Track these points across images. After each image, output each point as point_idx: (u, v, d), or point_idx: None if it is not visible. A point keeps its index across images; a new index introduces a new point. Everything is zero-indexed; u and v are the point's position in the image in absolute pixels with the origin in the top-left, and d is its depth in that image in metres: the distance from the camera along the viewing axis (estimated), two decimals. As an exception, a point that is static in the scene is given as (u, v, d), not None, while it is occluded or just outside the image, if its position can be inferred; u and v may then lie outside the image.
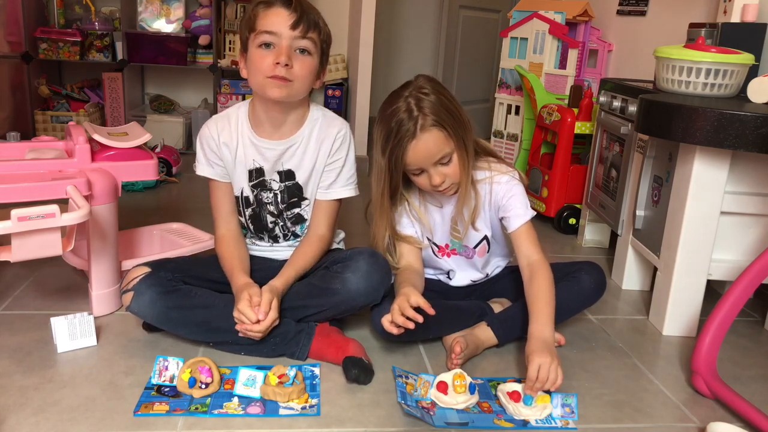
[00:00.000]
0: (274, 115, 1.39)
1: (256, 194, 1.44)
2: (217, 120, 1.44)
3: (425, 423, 1.13)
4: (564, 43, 2.72)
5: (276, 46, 1.29)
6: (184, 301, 1.30)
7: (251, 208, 1.46)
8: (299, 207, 1.45)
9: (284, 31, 1.28)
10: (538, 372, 1.15)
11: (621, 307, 1.74)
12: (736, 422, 1.18)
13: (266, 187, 1.44)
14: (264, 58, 1.30)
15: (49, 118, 3.04)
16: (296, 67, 1.30)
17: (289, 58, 1.29)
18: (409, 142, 1.26)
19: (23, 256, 1.23)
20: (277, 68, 1.28)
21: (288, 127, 1.40)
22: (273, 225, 1.47)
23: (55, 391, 1.18)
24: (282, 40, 1.29)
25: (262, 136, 1.41)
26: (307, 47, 1.31)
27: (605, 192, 2.03)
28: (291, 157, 1.41)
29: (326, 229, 1.44)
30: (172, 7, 3.24)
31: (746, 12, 1.81)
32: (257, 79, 1.32)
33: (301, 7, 1.30)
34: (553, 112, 2.39)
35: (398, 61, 4.49)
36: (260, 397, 1.19)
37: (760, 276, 1.27)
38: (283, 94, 1.31)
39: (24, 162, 1.44)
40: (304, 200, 1.45)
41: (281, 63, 1.28)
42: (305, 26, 1.30)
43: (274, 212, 1.46)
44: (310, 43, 1.31)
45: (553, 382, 1.15)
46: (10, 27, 2.87)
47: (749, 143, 1.32)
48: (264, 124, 1.40)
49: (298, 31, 1.29)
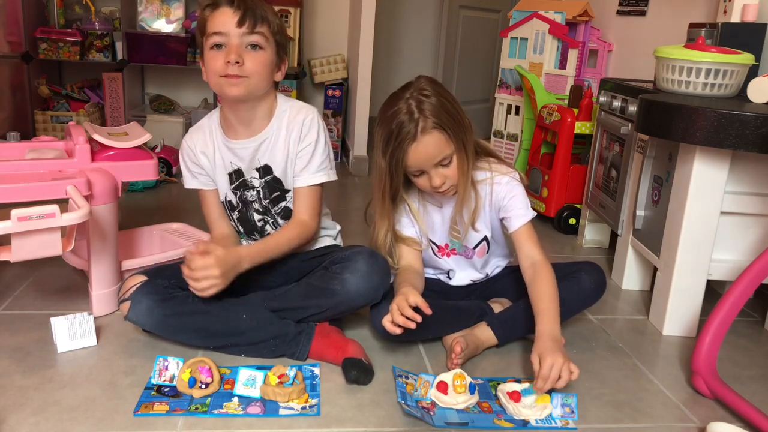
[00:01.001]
0: (242, 114, 1.40)
1: (240, 195, 1.46)
2: (192, 132, 1.49)
3: (425, 423, 1.13)
4: (564, 43, 2.72)
5: (226, 46, 1.31)
6: (181, 308, 1.30)
7: (237, 211, 1.48)
8: (284, 200, 1.45)
9: (231, 29, 1.30)
10: (550, 371, 1.14)
11: (621, 307, 1.74)
12: (736, 422, 1.18)
13: (248, 186, 1.45)
14: (216, 59, 1.32)
15: (49, 118, 3.04)
16: (248, 63, 1.31)
17: (239, 55, 1.30)
18: (410, 144, 1.26)
19: (23, 256, 1.23)
20: (229, 67, 1.30)
21: (258, 123, 1.41)
22: (262, 223, 1.47)
23: (55, 391, 1.18)
24: (231, 38, 1.30)
25: (234, 138, 1.43)
26: (257, 42, 1.32)
27: (605, 192, 2.02)
28: (265, 152, 1.42)
29: (307, 216, 1.43)
30: (172, 7, 3.24)
31: (746, 12, 1.81)
32: (214, 80, 1.34)
33: (244, 4, 1.31)
34: (553, 112, 2.39)
35: (398, 61, 4.49)
36: (260, 397, 1.19)
37: (760, 276, 1.27)
38: (240, 92, 1.33)
39: (24, 162, 1.44)
40: (287, 192, 1.45)
41: (231, 61, 1.30)
42: (251, 21, 1.31)
43: (259, 209, 1.46)
44: (260, 37, 1.32)
45: (566, 381, 1.15)
46: (10, 27, 2.86)
47: (749, 143, 1.32)
48: (234, 125, 1.42)
49: (245, 28, 1.30)
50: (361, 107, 3.12)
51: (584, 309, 1.55)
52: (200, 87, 3.44)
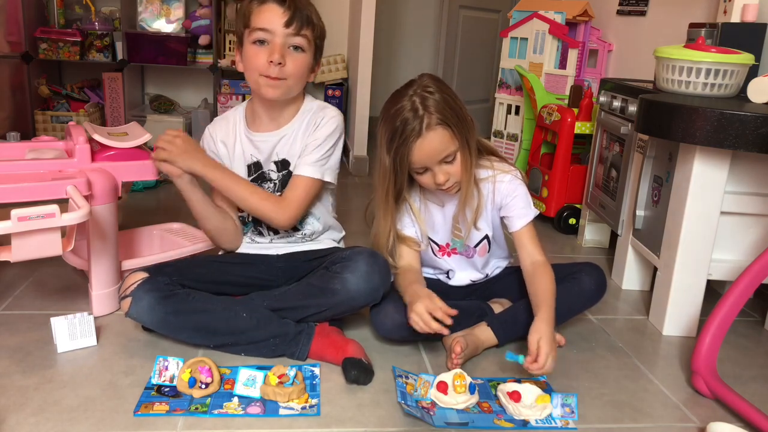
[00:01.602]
0: (271, 111, 1.44)
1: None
2: (216, 121, 1.52)
3: (425, 423, 1.13)
4: (564, 43, 2.72)
5: (270, 43, 1.32)
6: (182, 305, 1.30)
7: None
8: None
9: (278, 28, 1.31)
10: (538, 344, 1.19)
11: (621, 307, 1.74)
12: (736, 422, 1.18)
13: (266, 178, 1.46)
14: (258, 55, 1.33)
15: (49, 118, 3.04)
16: (290, 64, 1.33)
17: (283, 56, 1.32)
18: (415, 141, 1.26)
19: (23, 256, 1.23)
20: (271, 67, 1.32)
21: (283, 118, 1.44)
22: None
23: (55, 391, 1.18)
24: (276, 37, 1.31)
25: (257, 130, 1.45)
26: (300, 44, 1.34)
27: (605, 192, 2.02)
28: (284, 146, 1.44)
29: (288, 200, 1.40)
30: (172, 7, 3.24)
31: (746, 12, 1.81)
32: (252, 76, 1.36)
33: (294, 4, 1.32)
34: (553, 112, 2.39)
35: (398, 61, 4.49)
36: (260, 397, 1.19)
37: (760, 276, 1.27)
38: (277, 94, 1.36)
39: (24, 162, 1.44)
40: None
41: (274, 61, 1.31)
42: (299, 23, 1.32)
43: None
44: (304, 40, 1.34)
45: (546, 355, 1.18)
46: (10, 27, 2.87)
47: (749, 143, 1.32)
48: (260, 117, 1.45)
49: (291, 29, 1.31)
50: (361, 107, 3.12)
51: (585, 310, 1.55)
52: (200, 87, 3.44)
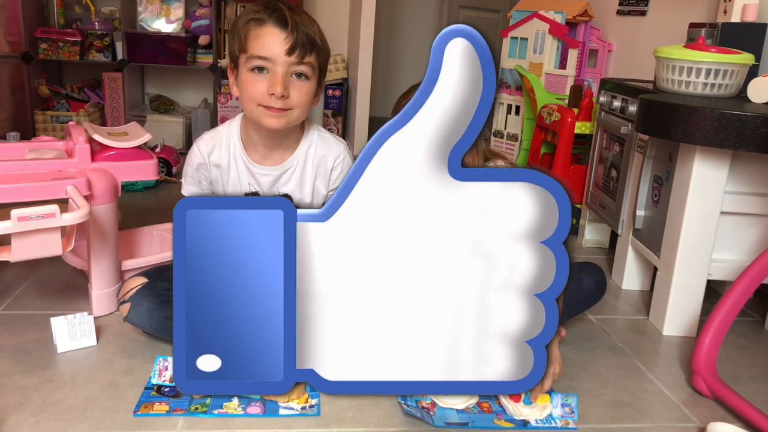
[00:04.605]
0: (269, 141, 1.32)
1: None
2: (208, 140, 1.36)
3: (425, 423, 1.13)
4: (564, 43, 2.72)
5: (270, 72, 1.18)
6: None
7: None
8: None
9: (279, 57, 1.17)
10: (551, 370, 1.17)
11: (621, 307, 1.74)
12: (736, 422, 1.18)
13: None
14: (257, 85, 1.19)
15: (49, 118, 3.04)
16: (293, 95, 1.20)
17: (285, 87, 1.18)
18: None
19: (23, 256, 1.23)
20: (272, 99, 1.18)
21: (282, 150, 1.33)
22: None
23: (55, 391, 1.18)
24: (277, 66, 1.18)
25: (256, 161, 1.34)
26: (305, 72, 1.21)
27: (605, 192, 2.02)
28: (287, 182, 1.35)
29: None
30: (172, 7, 3.24)
31: (746, 12, 1.81)
32: (250, 107, 1.22)
33: (297, 28, 1.17)
34: (553, 112, 2.39)
35: (398, 61, 4.49)
36: (260, 397, 1.19)
37: (760, 276, 1.27)
38: (281, 124, 1.22)
39: (24, 162, 1.44)
40: None
41: (276, 94, 1.18)
42: (303, 50, 1.18)
43: None
44: (308, 68, 1.21)
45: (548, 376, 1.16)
46: (10, 27, 2.87)
47: (749, 143, 1.32)
48: (257, 146, 1.33)
49: (294, 56, 1.17)
50: (361, 107, 3.13)
51: (585, 310, 1.55)
52: (200, 87, 3.44)
